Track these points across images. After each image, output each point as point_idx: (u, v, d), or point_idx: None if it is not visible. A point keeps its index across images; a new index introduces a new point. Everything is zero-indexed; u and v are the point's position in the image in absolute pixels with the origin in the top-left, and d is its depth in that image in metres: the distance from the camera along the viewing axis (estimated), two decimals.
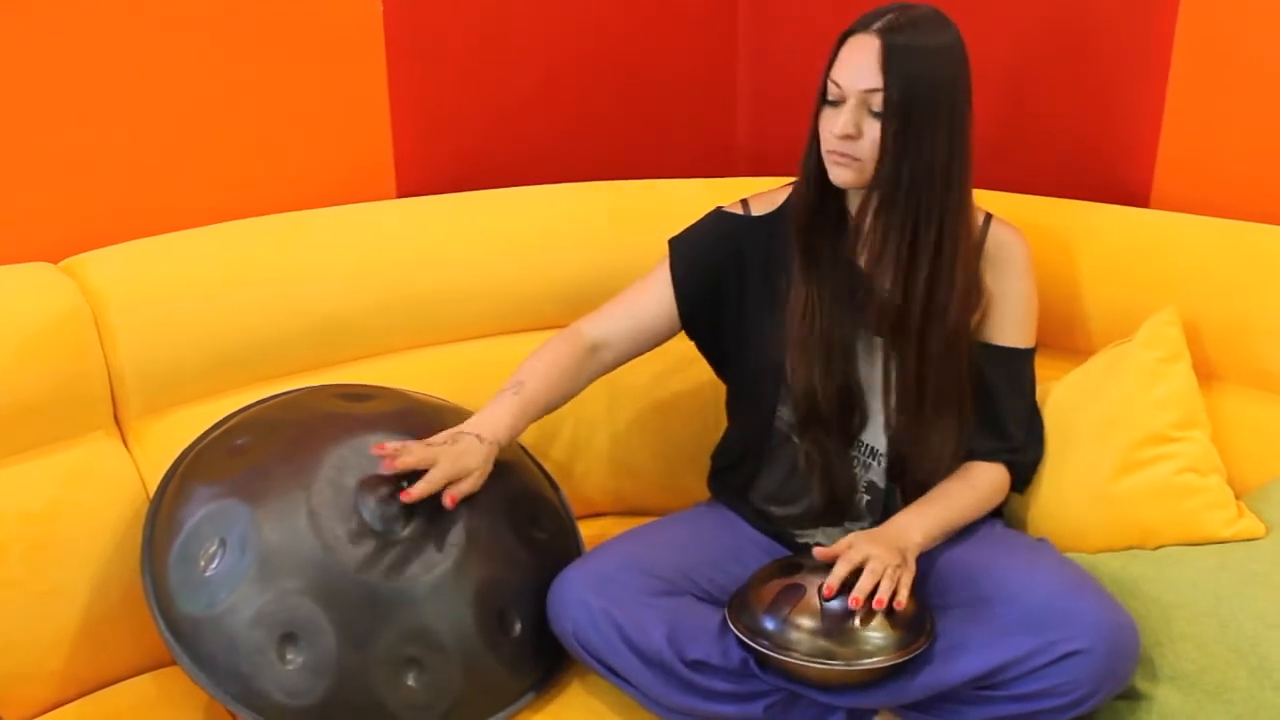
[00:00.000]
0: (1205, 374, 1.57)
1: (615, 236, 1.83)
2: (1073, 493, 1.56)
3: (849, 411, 1.54)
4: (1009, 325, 1.55)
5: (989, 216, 1.57)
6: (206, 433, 1.54)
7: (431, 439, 1.45)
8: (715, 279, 1.58)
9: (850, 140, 1.42)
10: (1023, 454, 1.57)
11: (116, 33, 1.62)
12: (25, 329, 1.45)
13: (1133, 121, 1.78)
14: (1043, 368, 1.61)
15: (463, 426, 1.48)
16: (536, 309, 1.82)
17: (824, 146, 1.45)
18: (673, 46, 2.16)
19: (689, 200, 1.69)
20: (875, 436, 1.56)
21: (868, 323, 1.53)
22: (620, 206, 1.86)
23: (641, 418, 1.85)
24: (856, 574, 1.39)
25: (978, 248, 1.54)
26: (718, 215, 1.61)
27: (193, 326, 1.58)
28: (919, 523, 1.49)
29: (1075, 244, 1.69)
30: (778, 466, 1.61)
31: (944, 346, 1.50)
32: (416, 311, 1.76)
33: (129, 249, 1.60)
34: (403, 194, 1.90)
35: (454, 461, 1.43)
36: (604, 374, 1.61)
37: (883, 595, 1.36)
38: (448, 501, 1.42)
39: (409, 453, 1.41)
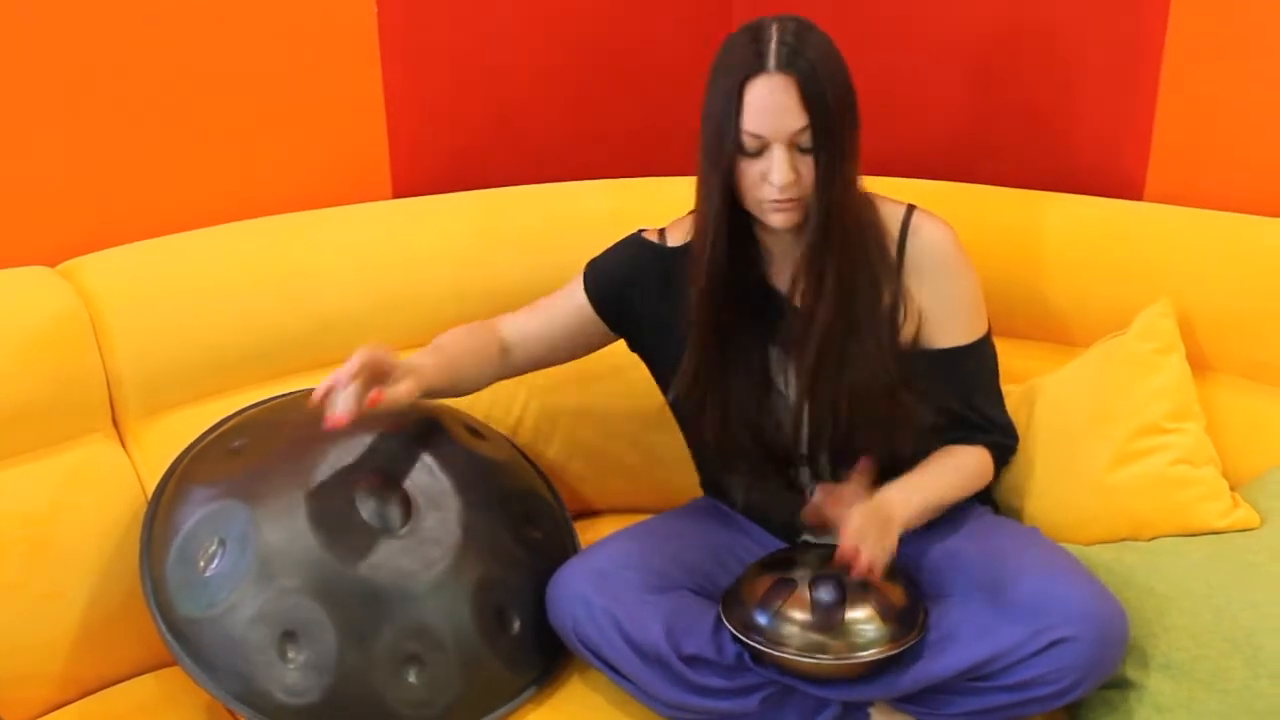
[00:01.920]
0: (1199, 366, 1.58)
1: (616, 235, 1.82)
2: (1067, 484, 1.56)
3: (777, 445, 1.51)
4: (948, 326, 1.49)
5: (910, 211, 1.49)
6: (203, 435, 1.54)
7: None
8: (624, 304, 1.56)
9: (792, 185, 1.36)
10: (1002, 436, 1.55)
11: (112, 36, 1.62)
12: (23, 332, 1.46)
13: (1126, 114, 1.78)
14: (1036, 360, 1.62)
15: None
16: None
17: (754, 197, 1.39)
18: (668, 44, 2.17)
19: (688, 198, 1.67)
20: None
21: (785, 344, 1.49)
22: (621, 205, 1.86)
23: (636, 418, 1.85)
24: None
25: (897, 247, 1.47)
26: (634, 241, 1.58)
27: (190, 329, 1.58)
28: (900, 495, 1.43)
29: (1069, 237, 1.69)
30: (740, 480, 1.60)
31: (857, 351, 1.44)
32: (414, 312, 1.76)
33: (125, 252, 1.60)
34: (398, 194, 1.91)
35: (370, 351, 1.36)
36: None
37: (863, 562, 1.33)
38: (369, 402, 1.34)
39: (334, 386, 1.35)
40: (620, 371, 1.69)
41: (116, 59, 1.63)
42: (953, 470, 1.52)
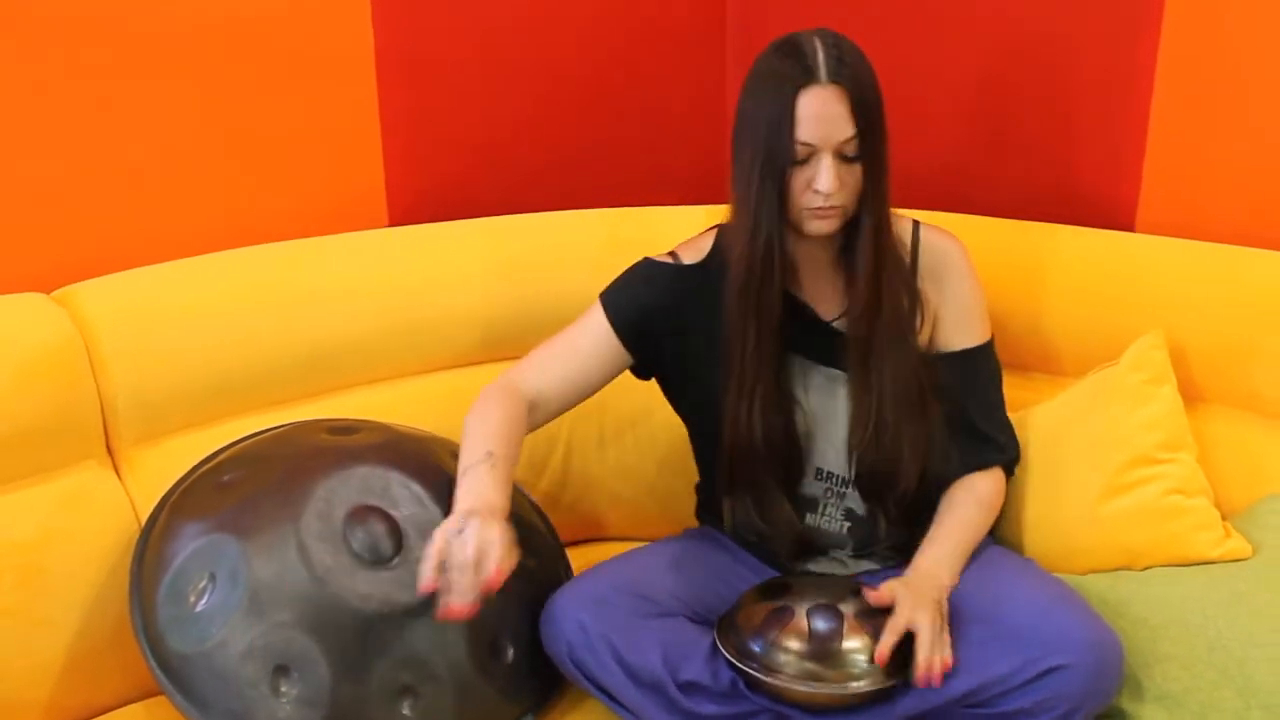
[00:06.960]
0: (1191, 396, 1.58)
1: (611, 264, 1.82)
2: (1061, 514, 1.57)
3: (789, 453, 1.53)
4: (962, 328, 1.55)
5: (917, 224, 1.56)
6: (194, 469, 1.54)
7: (434, 545, 1.30)
8: (650, 327, 1.55)
9: (837, 193, 1.41)
10: (1008, 452, 1.57)
11: (107, 63, 1.63)
12: (18, 359, 1.46)
13: (1117, 145, 1.79)
14: (1029, 391, 1.62)
15: (458, 511, 1.34)
16: (531, 337, 1.81)
17: (798, 204, 1.43)
18: (663, 73, 2.18)
19: (686, 226, 1.69)
20: (840, 465, 1.55)
21: (821, 355, 1.53)
22: (617, 234, 1.86)
23: (629, 447, 1.85)
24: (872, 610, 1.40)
25: (910, 257, 1.54)
26: (647, 265, 1.58)
27: (185, 356, 1.58)
28: (946, 562, 1.47)
29: (1061, 268, 1.70)
30: (742, 498, 1.59)
31: (898, 360, 1.50)
32: (410, 340, 1.76)
33: (121, 279, 1.60)
34: (394, 223, 1.91)
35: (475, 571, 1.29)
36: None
37: (937, 669, 1.35)
38: (489, 586, 1.29)
39: (433, 578, 1.30)
40: (612, 402, 1.68)
41: (113, 86, 1.64)
42: (979, 506, 1.53)
